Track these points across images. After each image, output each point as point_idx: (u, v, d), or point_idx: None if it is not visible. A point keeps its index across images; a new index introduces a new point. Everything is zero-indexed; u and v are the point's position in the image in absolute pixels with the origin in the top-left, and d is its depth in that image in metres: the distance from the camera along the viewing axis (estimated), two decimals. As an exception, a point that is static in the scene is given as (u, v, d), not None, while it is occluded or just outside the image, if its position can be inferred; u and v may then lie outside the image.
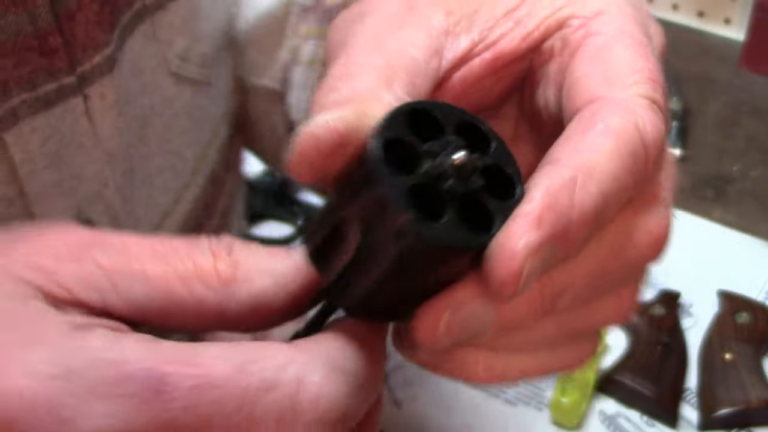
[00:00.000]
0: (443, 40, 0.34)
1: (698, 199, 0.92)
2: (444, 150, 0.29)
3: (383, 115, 0.29)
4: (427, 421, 0.72)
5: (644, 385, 0.72)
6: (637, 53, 0.33)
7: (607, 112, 0.31)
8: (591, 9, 0.34)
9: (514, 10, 0.34)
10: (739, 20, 1.12)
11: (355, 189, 0.29)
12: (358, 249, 0.30)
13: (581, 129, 0.31)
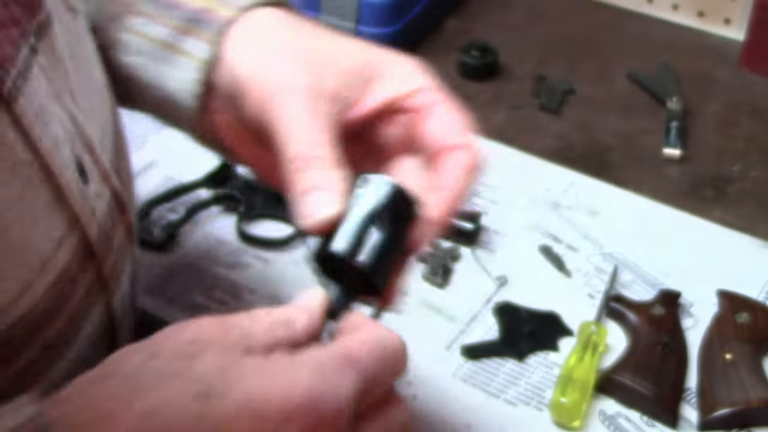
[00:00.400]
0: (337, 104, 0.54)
1: (698, 199, 0.92)
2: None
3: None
4: (427, 421, 0.72)
5: (644, 385, 0.72)
6: (457, 112, 0.57)
7: (461, 154, 0.54)
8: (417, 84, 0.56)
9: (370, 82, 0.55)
10: (739, 20, 1.12)
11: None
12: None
13: (449, 167, 0.54)
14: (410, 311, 0.81)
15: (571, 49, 1.12)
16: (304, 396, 0.40)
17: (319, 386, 0.40)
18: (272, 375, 0.41)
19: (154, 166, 0.95)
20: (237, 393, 0.40)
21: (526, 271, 0.84)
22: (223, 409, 0.39)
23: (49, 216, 0.50)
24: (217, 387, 0.40)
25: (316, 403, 0.40)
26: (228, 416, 0.39)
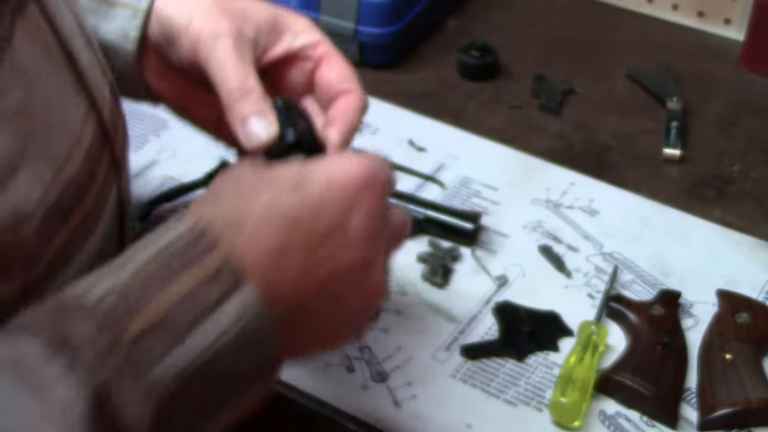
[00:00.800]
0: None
1: (698, 199, 0.92)
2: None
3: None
4: (427, 421, 0.72)
5: (644, 385, 0.72)
6: (346, 63, 0.68)
7: (352, 96, 0.66)
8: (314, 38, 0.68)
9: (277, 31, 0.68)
10: (739, 20, 1.12)
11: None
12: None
13: (343, 106, 0.66)
14: (410, 311, 0.81)
15: (571, 49, 1.12)
16: (367, 171, 0.54)
17: (375, 167, 0.55)
18: (340, 161, 0.55)
19: (154, 166, 0.95)
20: (320, 178, 0.53)
21: (526, 271, 0.84)
22: (315, 191, 0.52)
23: (76, 97, 0.59)
24: (302, 179, 0.53)
25: (375, 175, 0.54)
26: (320, 195, 0.52)
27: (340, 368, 0.76)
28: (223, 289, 0.48)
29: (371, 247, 0.54)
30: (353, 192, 0.53)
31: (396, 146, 0.97)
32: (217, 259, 0.48)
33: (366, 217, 0.53)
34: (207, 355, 0.47)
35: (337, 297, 0.53)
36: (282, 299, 0.50)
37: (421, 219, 0.87)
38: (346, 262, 0.52)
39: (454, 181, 0.94)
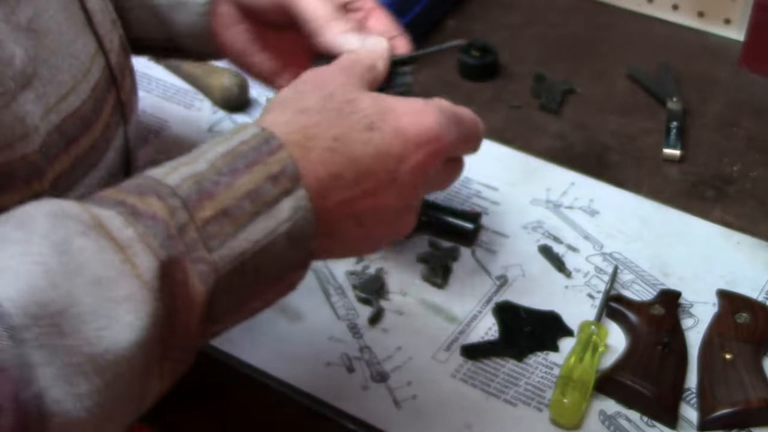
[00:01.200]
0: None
1: (698, 199, 0.92)
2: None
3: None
4: (427, 421, 0.72)
5: (644, 385, 0.72)
6: (389, 16, 0.74)
7: (400, 42, 0.73)
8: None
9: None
10: (739, 20, 1.12)
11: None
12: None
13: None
14: (410, 311, 0.81)
15: (571, 49, 1.12)
16: (434, 129, 0.59)
17: (443, 125, 0.60)
18: (415, 111, 0.59)
19: (154, 165, 0.95)
20: (392, 124, 0.58)
21: (526, 271, 0.84)
22: (383, 135, 0.58)
23: (85, 34, 0.65)
24: (377, 121, 0.58)
25: (440, 135, 0.59)
26: (386, 140, 0.58)
27: (340, 368, 0.76)
28: (282, 189, 0.54)
29: (412, 195, 0.60)
30: (414, 147, 0.58)
31: (396, 146, 0.97)
32: (281, 162, 0.54)
33: (417, 169, 0.59)
34: (264, 242, 0.54)
35: (367, 226, 0.59)
36: (324, 213, 0.56)
37: (421, 219, 0.86)
38: (386, 202, 0.59)
39: (454, 181, 0.94)
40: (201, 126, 1.00)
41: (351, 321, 0.80)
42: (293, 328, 0.79)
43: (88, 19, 0.66)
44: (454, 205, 0.90)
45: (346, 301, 0.81)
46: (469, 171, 0.94)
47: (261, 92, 1.04)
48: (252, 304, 0.56)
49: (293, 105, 0.59)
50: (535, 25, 1.17)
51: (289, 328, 0.79)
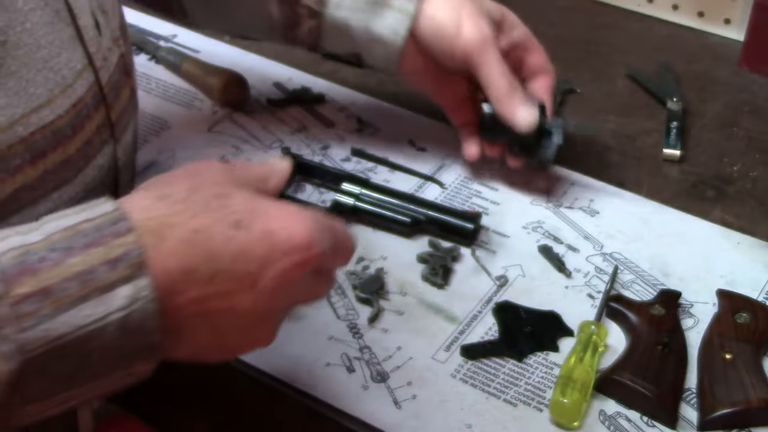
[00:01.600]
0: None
1: (698, 199, 0.92)
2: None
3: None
4: (427, 421, 0.72)
5: (644, 385, 0.72)
6: (543, 49, 0.92)
7: (550, 79, 0.92)
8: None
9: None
10: (739, 20, 1.12)
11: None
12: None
13: (545, 86, 0.91)
14: (410, 311, 0.81)
15: (571, 49, 1.12)
16: (304, 237, 0.56)
17: (315, 234, 0.56)
18: (287, 216, 0.56)
19: (155, 166, 0.95)
20: (260, 225, 0.55)
21: (526, 271, 0.84)
22: (249, 235, 0.54)
23: (71, 49, 0.65)
24: (245, 220, 0.55)
25: (310, 244, 0.56)
26: (251, 241, 0.54)
27: (340, 368, 0.76)
28: (120, 275, 0.50)
29: (272, 303, 0.56)
30: (281, 253, 0.55)
31: (396, 146, 0.97)
32: (125, 247, 0.51)
33: (281, 277, 0.55)
34: (90, 328, 0.50)
35: (220, 331, 0.55)
36: (172, 308, 0.52)
37: (421, 219, 0.87)
38: (242, 307, 0.55)
39: (454, 181, 0.94)
40: (201, 126, 1.00)
41: (351, 321, 0.80)
42: (293, 328, 0.79)
43: (79, 35, 0.66)
44: (454, 205, 0.90)
45: (346, 301, 0.81)
46: (470, 171, 0.95)
47: (261, 92, 1.04)
48: (84, 388, 0.52)
49: (159, 190, 0.56)
50: (535, 25, 1.16)
51: (289, 328, 0.79)
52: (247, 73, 1.03)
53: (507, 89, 0.83)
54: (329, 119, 1.01)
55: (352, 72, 1.07)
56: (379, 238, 0.87)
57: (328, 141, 0.98)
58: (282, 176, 0.64)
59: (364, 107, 1.03)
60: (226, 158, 0.94)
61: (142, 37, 1.12)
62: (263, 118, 1.01)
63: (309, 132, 0.99)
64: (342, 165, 0.95)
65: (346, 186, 0.89)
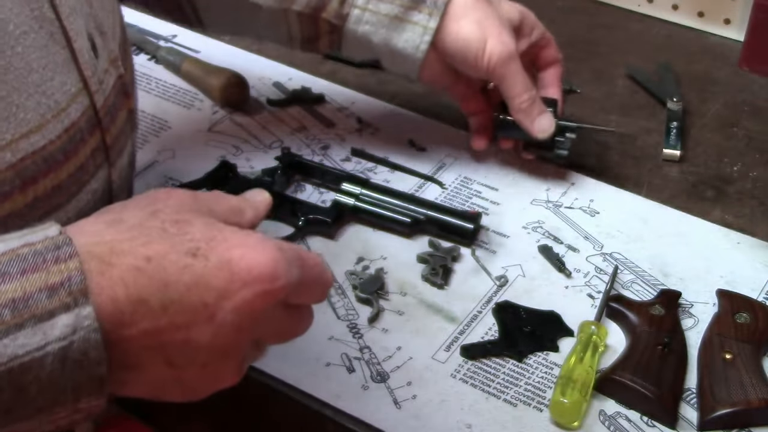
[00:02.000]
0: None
1: (698, 199, 0.92)
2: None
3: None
4: (427, 421, 0.72)
5: (644, 385, 0.72)
6: (553, 40, 0.96)
7: (559, 69, 0.96)
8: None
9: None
10: (739, 20, 1.12)
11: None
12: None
13: (554, 75, 0.95)
14: (410, 311, 0.81)
15: (571, 49, 1.12)
16: (267, 267, 0.52)
17: (279, 264, 0.52)
18: (248, 245, 0.53)
19: (154, 166, 0.95)
20: (219, 253, 0.52)
21: (526, 271, 0.84)
22: (207, 264, 0.51)
23: (66, 73, 0.62)
24: (203, 248, 0.52)
25: (274, 275, 0.52)
26: (209, 270, 0.51)
27: (340, 368, 0.76)
28: (60, 303, 0.47)
29: (234, 338, 0.53)
30: (241, 283, 0.52)
31: (396, 146, 0.97)
32: (66, 273, 0.48)
33: (242, 309, 0.52)
34: (25, 359, 0.47)
35: (177, 366, 0.52)
36: (122, 340, 0.50)
37: (421, 219, 0.87)
38: (200, 341, 0.52)
39: (454, 181, 0.94)
40: (201, 126, 1.00)
41: (351, 321, 0.80)
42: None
43: (74, 58, 0.63)
44: (454, 205, 0.90)
45: (346, 301, 0.81)
46: (469, 171, 0.95)
47: (261, 92, 1.04)
48: (25, 424, 0.49)
49: (111, 215, 0.54)
50: (535, 25, 1.16)
51: (289, 328, 0.79)
52: (247, 73, 1.03)
53: (528, 102, 0.87)
54: (329, 119, 1.01)
55: (352, 72, 1.07)
56: (379, 238, 0.87)
57: (328, 141, 0.98)
58: (259, 210, 0.60)
59: (364, 107, 1.03)
60: (226, 158, 0.94)
61: (142, 37, 1.12)
62: (263, 118, 1.01)
63: (309, 132, 0.99)
64: (342, 165, 0.95)
65: (346, 186, 0.89)
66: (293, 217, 0.87)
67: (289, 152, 0.94)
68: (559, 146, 0.89)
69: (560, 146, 0.89)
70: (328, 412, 0.73)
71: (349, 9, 0.86)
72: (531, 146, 0.92)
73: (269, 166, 0.92)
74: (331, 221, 0.87)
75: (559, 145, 0.89)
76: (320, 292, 0.58)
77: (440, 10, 0.85)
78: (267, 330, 0.56)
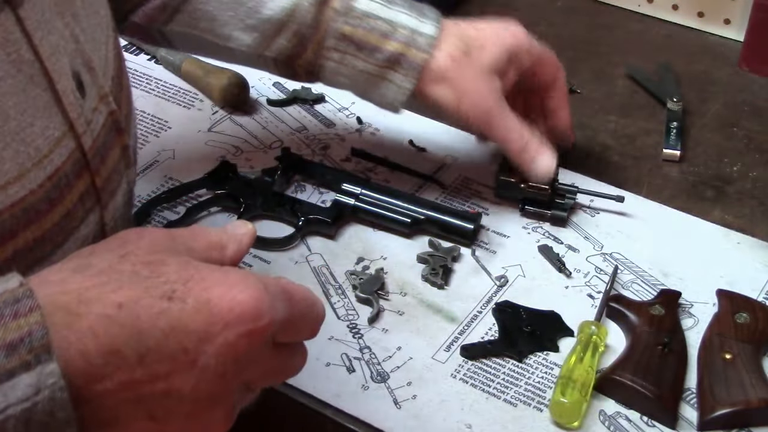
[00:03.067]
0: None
1: (698, 199, 0.92)
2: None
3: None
4: (427, 421, 0.72)
5: (644, 385, 0.72)
6: (553, 58, 0.91)
7: (562, 96, 0.91)
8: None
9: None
10: (739, 20, 1.12)
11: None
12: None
13: (559, 100, 0.91)
14: (410, 311, 0.81)
15: (571, 49, 1.12)
16: (249, 305, 0.48)
17: (263, 302, 0.49)
18: (228, 283, 0.49)
19: (154, 166, 0.95)
20: (197, 295, 0.48)
21: (526, 271, 0.84)
22: (184, 307, 0.48)
23: (48, 117, 0.57)
24: (179, 290, 0.48)
25: (257, 313, 0.49)
26: (186, 313, 0.47)
27: (340, 368, 0.76)
28: (20, 362, 0.44)
29: (219, 384, 0.49)
30: (222, 325, 0.48)
31: (396, 146, 0.97)
32: (26, 329, 0.44)
33: (225, 353, 0.48)
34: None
35: (161, 420, 0.49)
36: (95, 397, 0.46)
37: (421, 219, 0.87)
38: (183, 390, 0.48)
39: (454, 181, 0.94)
40: (201, 126, 1.00)
41: (351, 321, 0.80)
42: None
43: (56, 99, 0.58)
44: (454, 205, 0.90)
45: (346, 301, 0.81)
46: (469, 171, 0.95)
47: (261, 92, 1.04)
48: None
49: (78, 260, 0.49)
50: (535, 25, 1.16)
51: (289, 328, 0.79)
52: (247, 73, 1.03)
53: (520, 145, 0.84)
54: (329, 119, 1.01)
55: (352, 72, 1.07)
56: (379, 238, 0.87)
57: (328, 141, 0.98)
58: (243, 243, 0.55)
59: (364, 107, 1.03)
60: (226, 158, 0.94)
61: (142, 37, 1.12)
62: (263, 118, 1.01)
63: (309, 132, 0.99)
64: (342, 165, 0.95)
65: (346, 186, 0.89)
66: (293, 217, 0.87)
67: (289, 152, 0.94)
68: (558, 208, 0.88)
69: (559, 208, 0.88)
70: (328, 412, 0.73)
71: (323, 61, 0.84)
72: (530, 205, 0.89)
73: (269, 166, 0.92)
74: (331, 221, 0.87)
75: (559, 206, 0.88)
76: (311, 327, 0.55)
77: (416, 71, 0.83)
78: (256, 372, 0.52)
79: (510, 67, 0.86)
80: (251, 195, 0.89)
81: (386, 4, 0.84)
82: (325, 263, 0.85)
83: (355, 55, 0.83)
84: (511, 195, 0.90)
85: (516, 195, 0.89)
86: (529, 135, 0.84)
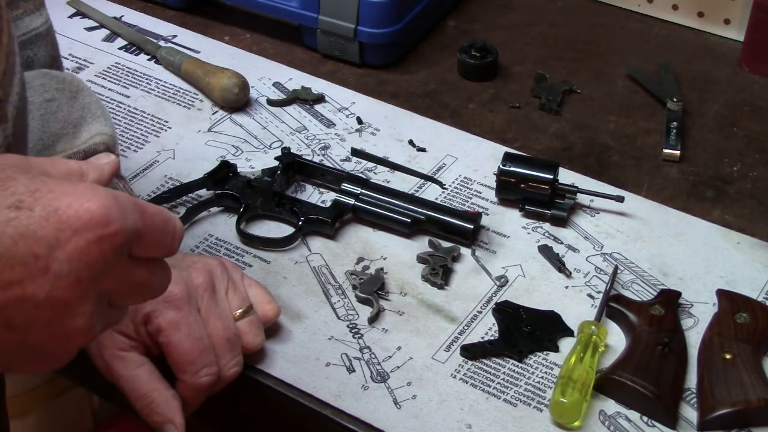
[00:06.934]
0: None
1: (698, 199, 0.92)
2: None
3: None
4: (427, 421, 0.72)
5: (644, 385, 0.72)
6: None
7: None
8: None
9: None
10: (739, 20, 1.12)
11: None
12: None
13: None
14: (410, 311, 0.81)
15: (571, 49, 1.12)
16: (97, 212, 0.49)
17: (111, 209, 0.50)
18: (76, 193, 0.49)
19: (154, 166, 0.95)
20: (44, 204, 0.49)
21: (526, 271, 0.84)
22: (31, 215, 0.48)
23: None
24: (27, 201, 0.49)
25: (106, 220, 0.49)
26: (34, 221, 0.48)
27: (340, 368, 0.76)
28: None
29: (74, 291, 0.49)
30: (71, 231, 0.49)
31: (396, 146, 0.97)
32: None
33: (78, 258, 0.49)
34: None
35: (18, 327, 0.49)
36: None
37: (421, 219, 0.87)
38: (38, 297, 0.48)
39: (454, 181, 0.94)
40: (201, 126, 1.00)
41: (351, 321, 0.80)
42: (293, 328, 0.79)
43: None
44: (454, 205, 0.90)
45: (346, 301, 0.81)
46: (469, 171, 0.95)
47: (261, 92, 1.04)
48: None
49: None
50: (535, 25, 1.17)
51: (289, 328, 0.79)
52: (247, 73, 1.03)
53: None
54: (329, 119, 1.01)
55: (352, 72, 1.07)
56: (379, 238, 0.87)
57: (328, 141, 0.98)
58: (105, 171, 0.56)
59: (364, 107, 1.03)
60: (226, 158, 0.94)
61: (142, 37, 1.12)
62: (263, 118, 1.01)
63: (309, 132, 0.99)
64: (342, 165, 0.95)
65: (346, 186, 0.89)
66: (293, 217, 0.87)
67: (289, 152, 0.94)
68: (558, 207, 0.88)
69: (559, 207, 0.88)
70: (328, 412, 0.73)
71: None
72: (530, 205, 0.89)
73: (269, 166, 0.92)
74: (331, 221, 0.87)
75: (559, 206, 0.88)
76: (169, 242, 0.54)
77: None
78: (114, 284, 0.52)
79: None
80: (251, 195, 0.89)
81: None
82: (325, 263, 0.85)
83: None
84: (511, 195, 0.90)
85: (516, 195, 0.89)
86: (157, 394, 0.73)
